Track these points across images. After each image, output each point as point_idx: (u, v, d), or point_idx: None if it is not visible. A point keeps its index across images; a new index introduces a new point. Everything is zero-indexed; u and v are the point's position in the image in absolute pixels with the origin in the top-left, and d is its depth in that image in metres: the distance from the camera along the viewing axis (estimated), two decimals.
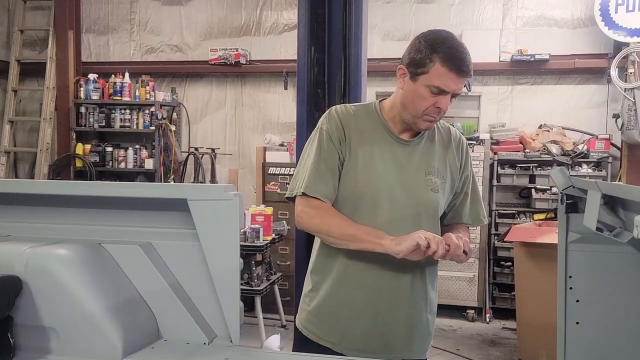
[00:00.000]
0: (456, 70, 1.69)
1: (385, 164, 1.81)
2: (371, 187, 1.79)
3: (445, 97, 1.72)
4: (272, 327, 5.06)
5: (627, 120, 5.12)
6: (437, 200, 1.83)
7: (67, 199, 1.46)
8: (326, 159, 1.80)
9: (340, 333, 1.84)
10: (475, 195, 1.97)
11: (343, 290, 1.83)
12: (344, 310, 1.83)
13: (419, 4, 6.01)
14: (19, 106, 6.83)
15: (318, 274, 1.89)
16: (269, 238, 4.72)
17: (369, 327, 1.82)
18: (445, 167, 1.87)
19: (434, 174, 1.84)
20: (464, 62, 1.70)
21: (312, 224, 1.80)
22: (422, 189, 1.81)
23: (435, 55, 1.69)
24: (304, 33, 2.66)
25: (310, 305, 1.90)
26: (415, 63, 1.73)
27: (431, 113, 1.75)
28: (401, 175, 1.81)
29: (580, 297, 1.57)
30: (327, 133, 1.82)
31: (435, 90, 1.71)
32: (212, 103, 6.59)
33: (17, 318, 1.27)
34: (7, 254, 1.29)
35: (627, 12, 5.14)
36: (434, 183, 1.83)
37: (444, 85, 1.70)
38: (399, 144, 1.84)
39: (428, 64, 1.70)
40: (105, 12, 6.78)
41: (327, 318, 1.86)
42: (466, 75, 1.71)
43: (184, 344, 1.35)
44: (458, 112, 5.74)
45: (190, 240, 1.37)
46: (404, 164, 1.82)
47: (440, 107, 1.73)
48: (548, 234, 4.18)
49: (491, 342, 4.91)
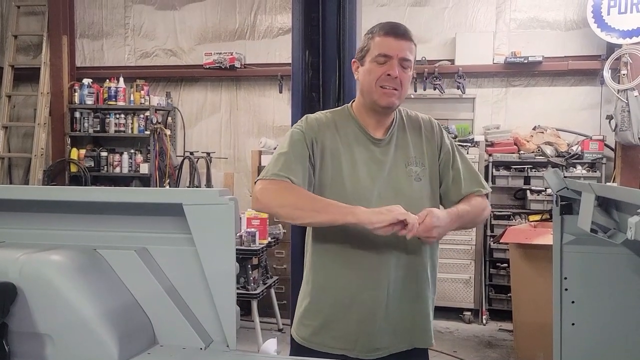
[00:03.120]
0: (392, 34, 1.80)
1: (367, 165, 1.84)
2: (359, 191, 1.81)
3: (391, 63, 1.78)
4: (269, 331, 5.05)
5: (621, 121, 5.15)
6: (421, 188, 1.85)
7: (61, 204, 1.45)
8: (296, 153, 1.80)
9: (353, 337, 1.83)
10: (467, 166, 1.93)
11: (347, 293, 1.83)
12: (353, 313, 1.83)
13: (413, 7, 6.03)
14: (13, 112, 6.80)
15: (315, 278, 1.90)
16: (265, 242, 4.73)
17: (380, 323, 1.82)
18: (422, 154, 1.89)
19: (413, 163, 1.87)
20: (398, 27, 1.82)
21: (275, 199, 1.72)
22: (406, 182, 1.84)
23: (372, 34, 1.84)
24: (298, 37, 2.67)
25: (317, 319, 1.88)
26: (360, 50, 1.87)
27: (384, 82, 1.79)
28: (384, 173, 1.84)
29: (576, 298, 1.58)
30: (299, 131, 1.85)
31: (381, 60, 1.79)
32: (207, 107, 6.58)
33: (12, 325, 1.26)
34: (1, 261, 1.28)
35: (619, 14, 5.17)
36: (415, 172, 1.86)
37: (385, 50, 1.79)
38: (374, 144, 1.87)
39: (369, 43, 1.83)
40: (100, 17, 6.77)
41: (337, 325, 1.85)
42: (402, 37, 1.80)
43: (180, 349, 1.34)
44: (452, 115, 5.76)
45: (185, 245, 1.36)
46: (383, 162, 1.85)
47: (390, 73, 1.78)
48: (543, 235, 4.19)
49: (488, 343, 4.92)
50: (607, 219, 1.25)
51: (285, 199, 1.72)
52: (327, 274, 1.86)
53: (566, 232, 1.55)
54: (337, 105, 2.61)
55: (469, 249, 5.39)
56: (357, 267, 1.82)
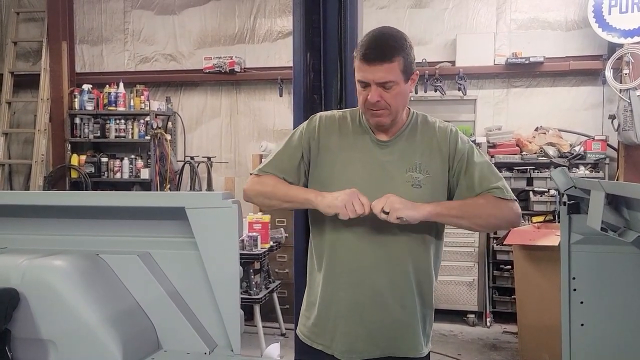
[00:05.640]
0: (364, 60, 1.72)
1: (364, 166, 1.84)
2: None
3: (370, 89, 1.75)
4: (271, 335, 5.02)
5: (623, 121, 5.13)
6: (419, 195, 1.80)
7: (63, 209, 1.44)
8: (287, 151, 1.90)
9: (330, 335, 1.87)
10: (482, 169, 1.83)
11: (330, 290, 1.86)
12: (332, 311, 1.86)
13: (413, 9, 6.02)
14: (13, 118, 6.80)
15: (313, 272, 1.94)
16: (266, 246, 4.70)
17: (356, 326, 1.83)
18: (430, 161, 1.85)
19: (415, 169, 1.83)
20: (371, 49, 1.72)
21: (253, 190, 1.89)
22: (402, 187, 1.81)
23: (356, 52, 1.77)
24: (299, 39, 2.65)
25: (306, 310, 1.96)
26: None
27: (369, 106, 1.79)
28: (380, 176, 1.83)
29: (584, 299, 1.56)
30: (300, 132, 1.92)
31: (361, 85, 1.78)
32: (207, 111, 6.58)
33: (15, 331, 1.25)
34: (4, 267, 1.27)
35: (620, 14, 5.16)
36: (415, 179, 1.82)
37: (360, 77, 1.76)
38: (378, 146, 1.87)
39: (355, 61, 1.78)
40: (99, 23, 6.77)
41: (318, 321, 1.90)
42: (373, 62, 1.70)
43: (184, 354, 1.33)
44: (454, 116, 5.75)
45: (188, 249, 1.35)
46: (384, 164, 1.84)
47: (368, 99, 1.76)
48: (547, 236, 4.16)
49: (492, 346, 4.89)
50: (617, 217, 1.23)
51: (261, 189, 1.87)
52: (321, 269, 1.89)
53: (574, 231, 1.53)
54: (339, 107, 2.61)
55: (472, 251, 5.37)
56: (340, 266, 1.84)
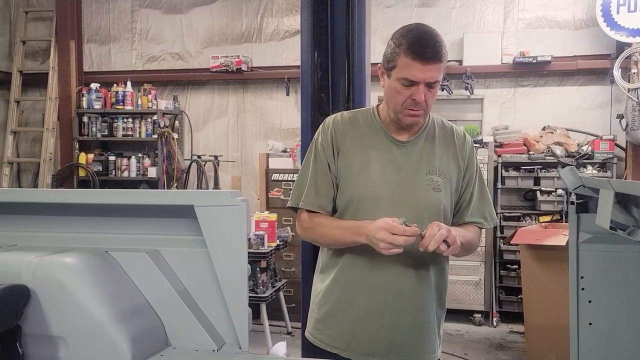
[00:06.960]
0: (419, 59, 1.67)
1: (383, 166, 1.81)
2: (369, 191, 1.79)
3: (417, 88, 1.71)
4: (278, 334, 5.03)
5: (632, 120, 5.11)
6: (439, 199, 1.80)
7: (73, 207, 1.45)
8: (320, 172, 1.85)
9: (346, 338, 1.83)
10: (482, 195, 1.90)
11: (348, 293, 1.83)
12: (349, 314, 1.82)
13: (420, 8, 6.01)
14: (21, 117, 6.84)
15: (324, 272, 1.91)
16: (273, 245, 4.71)
17: (375, 330, 1.81)
18: (448, 166, 1.85)
19: (435, 173, 1.82)
20: (426, 48, 1.68)
21: (307, 236, 1.93)
22: (423, 189, 1.79)
23: (399, 48, 1.70)
24: (307, 38, 2.65)
25: (319, 313, 1.90)
26: (387, 59, 1.76)
27: (409, 106, 1.74)
28: (400, 176, 1.80)
29: (593, 298, 1.56)
30: (321, 145, 1.87)
31: (406, 83, 1.71)
32: (214, 110, 6.59)
33: (26, 327, 1.26)
34: (15, 263, 1.28)
35: (629, 13, 5.13)
36: (435, 182, 1.81)
37: (411, 76, 1.70)
38: (396, 146, 1.84)
39: (396, 58, 1.72)
40: (107, 22, 6.80)
41: (334, 324, 1.85)
42: (430, 61, 1.68)
43: (193, 351, 1.34)
44: (461, 115, 5.74)
45: (197, 247, 1.36)
46: (402, 165, 1.82)
47: (415, 98, 1.72)
48: (554, 236, 4.15)
49: (499, 345, 4.88)
50: (626, 216, 1.23)
51: (311, 237, 1.92)
52: (339, 269, 1.85)
53: (582, 230, 1.52)
54: (347, 106, 2.61)
55: (479, 251, 5.35)
56: (361, 268, 1.81)
